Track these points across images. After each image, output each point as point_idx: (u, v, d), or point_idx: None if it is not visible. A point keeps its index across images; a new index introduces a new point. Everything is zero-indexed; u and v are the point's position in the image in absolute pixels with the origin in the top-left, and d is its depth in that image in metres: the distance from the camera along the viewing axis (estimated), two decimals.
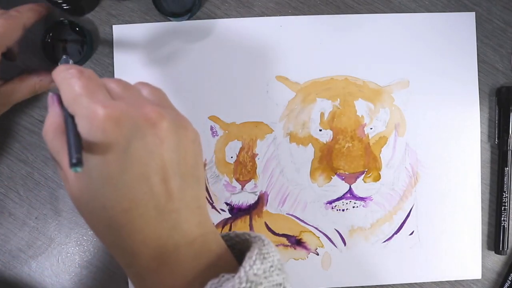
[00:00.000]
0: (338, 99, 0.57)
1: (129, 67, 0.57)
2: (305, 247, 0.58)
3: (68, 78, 0.36)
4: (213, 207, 0.57)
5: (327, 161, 0.57)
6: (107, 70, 0.57)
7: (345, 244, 0.58)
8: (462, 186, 0.58)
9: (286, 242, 0.58)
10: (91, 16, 0.57)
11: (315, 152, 0.57)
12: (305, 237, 0.58)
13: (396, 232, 0.58)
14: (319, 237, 0.58)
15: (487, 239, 0.59)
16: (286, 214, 0.58)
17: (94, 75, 0.37)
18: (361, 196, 0.58)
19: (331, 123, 0.57)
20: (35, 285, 0.56)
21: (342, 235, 0.58)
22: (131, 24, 0.57)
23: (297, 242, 0.57)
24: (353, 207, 0.58)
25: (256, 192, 0.57)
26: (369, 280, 0.58)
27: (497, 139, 0.58)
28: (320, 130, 0.57)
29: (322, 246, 0.58)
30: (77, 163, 0.32)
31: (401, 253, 0.58)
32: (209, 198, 0.57)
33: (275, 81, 0.57)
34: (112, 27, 0.57)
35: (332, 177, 0.57)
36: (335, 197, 0.57)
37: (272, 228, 0.57)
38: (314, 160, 0.57)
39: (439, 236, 0.58)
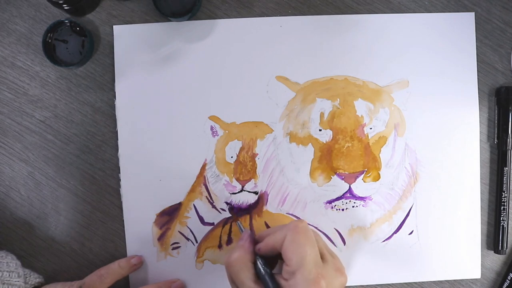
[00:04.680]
0: (338, 99, 0.58)
1: (130, 67, 0.57)
2: None
3: (307, 242, 0.45)
4: (213, 206, 0.57)
5: (327, 160, 0.57)
6: (108, 70, 0.57)
7: (344, 243, 0.58)
8: (462, 185, 0.58)
9: None
10: (91, 16, 0.57)
11: (315, 152, 0.57)
12: None
13: (395, 232, 0.58)
14: None
15: (486, 239, 0.59)
16: (286, 213, 0.58)
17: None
18: (360, 195, 0.58)
19: (331, 123, 0.57)
20: None
21: (342, 234, 0.58)
22: (131, 24, 0.57)
23: None
24: (353, 206, 0.58)
25: (256, 191, 0.58)
26: (369, 279, 0.58)
27: (497, 139, 0.58)
28: (320, 130, 0.57)
29: None
30: None
31: (400, 253, 0.58)
32: (209, 198, 0.57)
33: (275, 81, 0.58)
34: (112, 27, 0.57)
35: (331, 176, 0.57)
36: (334, 197, 0.58)
37: None
38: (314, 160, 0.57)
39: (439, 235, 0.58)
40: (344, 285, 0.47)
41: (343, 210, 0.58)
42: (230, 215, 0.58)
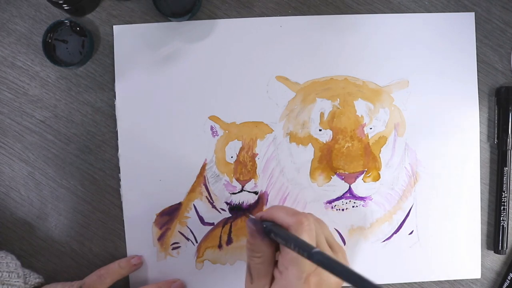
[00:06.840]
0: (338, 99, 0.58)
1: (130, 67, 0.57)
2: None
3: (311, 229, 0.45)
4: (213, 206, 0.57)
5: (327, 161, 0.57)
6: (108, 70, 0.57)
7: (344, 243, 0.58)
8: (462, 185, 0.58)
9: None
10: (91, 16, 0.57)
11: (315, 152, 0.57)
12: None
13: (395, 232, 0.58)
14: None
15: (486, 239, 0.59)
16: None
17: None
18: (360, 195, 0.58)
19: (331, 123, 0.57)
20: None
21: (342, 234, 0.58)
22: (131, 24, 0.57)
23: None
24: (353, 206, 0.58)
25: (256, 191, 0.58)
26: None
27: (497, 139, 0.58)
28: (320, 130, 0.57)
29: None
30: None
31: (400, 253, 0.58)
32: (209, 198, 0.57)
33: (275, 81, 0.58)
34: (112, 27, 0.57)
35: (331, 176, 0.57)
36: (334, 197, 0.58)
37: None
38: (314, 160, 0.57)
39: (439, 235, 0.58)
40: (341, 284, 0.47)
41: (343, 210, 0.58)
42: (230, 215, 0.58)
